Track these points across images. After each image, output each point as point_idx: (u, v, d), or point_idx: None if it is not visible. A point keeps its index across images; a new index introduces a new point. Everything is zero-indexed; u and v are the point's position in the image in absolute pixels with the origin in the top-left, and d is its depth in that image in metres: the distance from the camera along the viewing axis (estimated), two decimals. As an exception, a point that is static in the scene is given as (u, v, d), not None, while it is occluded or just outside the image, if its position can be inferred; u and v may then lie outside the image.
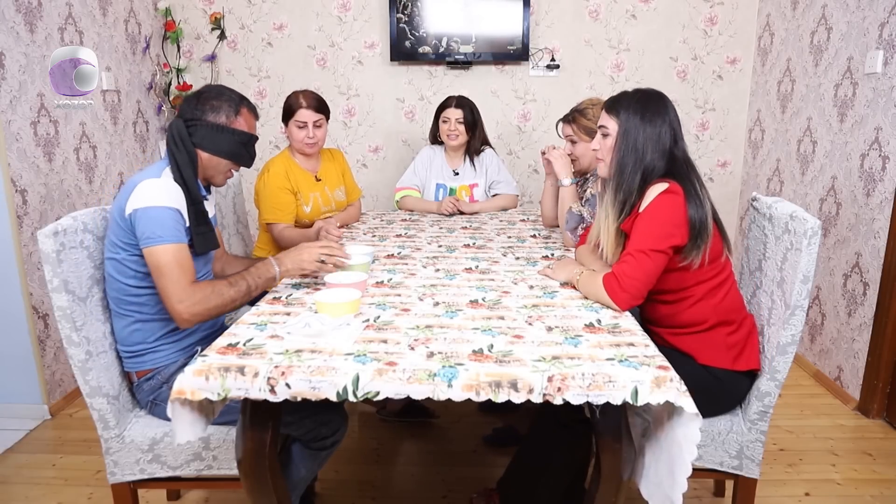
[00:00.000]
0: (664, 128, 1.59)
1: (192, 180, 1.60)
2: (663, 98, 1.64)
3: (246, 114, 1.69)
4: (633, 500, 1.50)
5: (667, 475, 1.27)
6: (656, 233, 1.51)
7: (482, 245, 2.16)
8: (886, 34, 2.46)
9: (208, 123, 1.63)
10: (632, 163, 1.60)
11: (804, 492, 2.09)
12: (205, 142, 1.63)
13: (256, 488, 1.37)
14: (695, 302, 1.60)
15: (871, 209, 2.53)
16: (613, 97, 1.68)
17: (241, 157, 1.69)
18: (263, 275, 1.59)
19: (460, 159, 2.89)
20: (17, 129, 2.42)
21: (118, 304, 1.59)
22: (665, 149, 1.59)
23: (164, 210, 1.50)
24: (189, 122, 1.63)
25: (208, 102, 1.64)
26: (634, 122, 1.60)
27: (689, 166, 1.61)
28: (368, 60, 3.61)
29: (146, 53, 3.36)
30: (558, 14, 3.54)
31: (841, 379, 2.74)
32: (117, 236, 1.53)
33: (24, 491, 2.10)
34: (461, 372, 1.16)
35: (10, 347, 2.48)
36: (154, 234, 1.48)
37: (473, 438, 2.39)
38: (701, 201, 1.55)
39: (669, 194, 1.53)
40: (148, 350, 1.60)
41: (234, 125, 1.66)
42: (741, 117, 3.66)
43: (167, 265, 1.47)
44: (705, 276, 1.59)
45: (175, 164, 1.59)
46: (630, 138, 1.60)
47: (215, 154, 1.65)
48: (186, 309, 1.46)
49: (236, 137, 1.66)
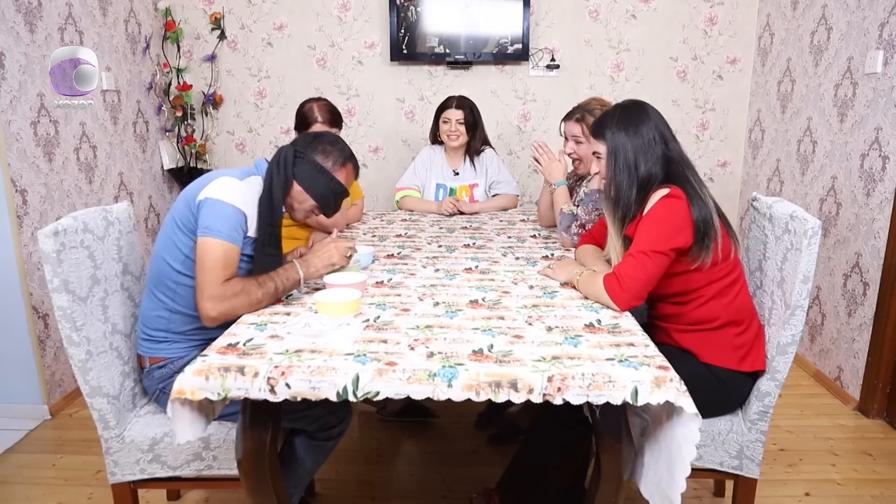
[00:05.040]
0: (651, 134, 1.59)
1: (279, 203, 1.62)
2: (643, 106, 1.64)
3: (350, 169, 1.72)
4: (633, 500, 1.50)
5: (666, 475, 1.27)
6: (658, 235, 1.52)
7: (482, 245, 2.16)
8: (886, 34, 2.46)
9: (314, 162, 1.66)
10: (626, 178, 1.60)
11: (804, 492, 2.09)
12: (304, 176, 1.65)
13: (256, 488, 1.37)
14: (705, 301, 1.59)
15: (871, 209, 2.53)
16: (597, 121, 1.69)
17: (327, 204, 1.71)
18: (291, 277, 1.59)
19: (460, 159, 2.89)
20: (17, 129, 2.42)
21: (156, 285, 1.61)
22: (658, 155, 1.59)
23: (232, 208, 1.52)
24: (299, 153, 1.66)
25: (322, 145, 1.68)
26: (620, 138, 1.60)
27: (686, 165, 1.62)
28: (368, 60, 3.61)
29: (146, 53, 3.36)
30: (558, 14, 3.54)
31: (841, 379, 2.74)
32: (181, 218, 1.56)
33: (24, 491, 2.10)
34: (461, 372, 1.16)
35: (10, 347, 2.48)
36: (213, 226, 1.49)
37: (473, 438, 2.39)
38: (703, 200, 1.55)
39: (671, 199, 1.54)
40: (167, 338, 1.62)
41: (335, 173, 1.68)
42: (741, 117, 3.66)
43: (213, 260, 1.47)
44: (716, 275, 1.58)
45: (269, 182, 1.62)
46: (620, 155, 1.60)
47: (307, 190, 1.66)
48: (214, 307, 1.46)
49: (332, 185, 1.68)
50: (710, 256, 1.54)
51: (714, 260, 1.55)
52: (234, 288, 1.47)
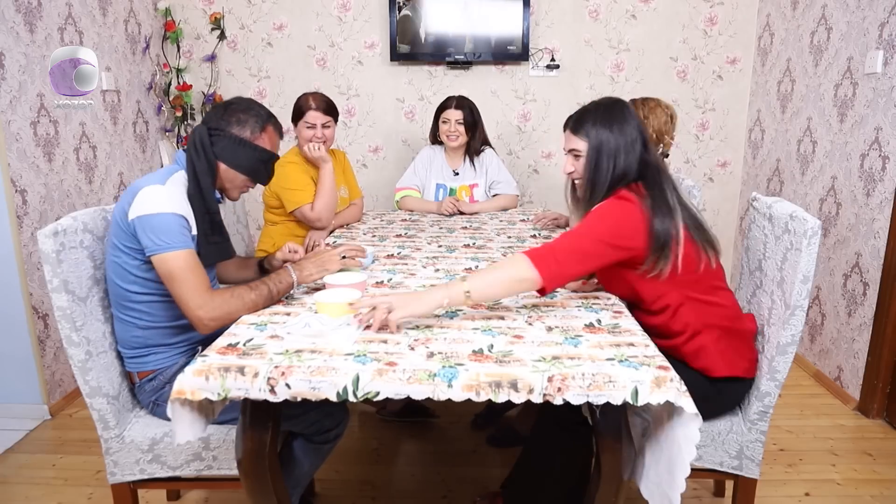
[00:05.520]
0: (634, 134, 1.55)
1: (210, 189, 1.58)
2: (625, 104, 1.59)
3: (271, 132, 1.66)
4: (634, 500, 1.50)
5: (666, 475, 1.27)
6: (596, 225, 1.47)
7: (482, 245, 2.16)
8: (886, 34, 2.46)
9: (232, 136, 1.60)
10: (606, 175, 1.54)
11: (804, 492, 2.09)
12: (225, 153, 1.60)
13: (256, 488, 1.37)
14: (676, 309, 1.55)
15: (871, 209, 2.53)
16: (575, 116, 1.61)
17: (259, 175, 1.67)
18: (285, 280, 1.58)
19: (460, 159, 2.89)
20: (17, 129, 2.42)
21: (119, 308, 1.58)
22: (637, 155, 1.55)
23: (169, 216, 1.47)
24: (213, 130, 1.60)
25: (235, 114, 1.61)
26: (605, 135, 1.54)
27: (661, 172, 1.56)
28: (368, 60, 3.61)
29: (146, 53, 3.36)
30: (558, 14, 3.54)
31: (841, 379, 2.74)
32: (119, 239, 1.51)
33: (24, 491, 2.10)
34: (461, 372, 1.16)
35: (10, 347, 2.48)
36: (161, 241, 1.45)
37: (473, 438, 2.39)
38: (669, 209, 1.49)
39: (620, 200, 1.49)
40: (149, 352, 1.60)
41: (258, 141, 1.63)
42: (741, 117, 3.66)
43: (179, 271, 1.44)
44: (683, 284, 1.53)
45: (193, 170, 1.56)
46: (603, 152, 1.54)
47: (234, 168, 1.61)
48: (207, 314, 1.43)
49: (257, 154, 1.63)
50: (667, 267, 1.47)
51: (673, 271, 1.48)
52: (223, 296, 1.47)
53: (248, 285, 1.52)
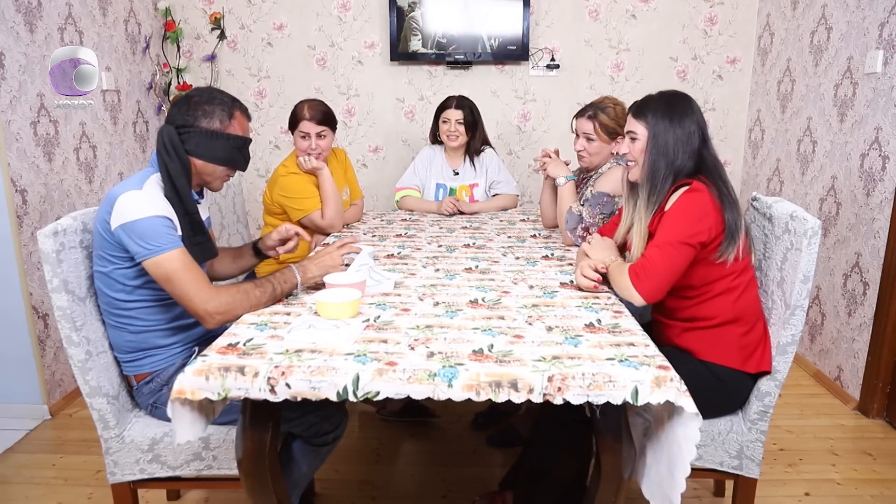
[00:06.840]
0: (693, 128, 1.60)
1: (186, 190, 1.55)
2: (689, 99, 1.64)
3: (240, 117, 1.64)
4: (634, 499, 1.50)
5: (667, 475, 1.27)
6: (684, 228, 1.52)
7: (482, 245, 2.16)
8: (886, 34, 2.46)
9: (202, 130, 1.56)
10: (664, 166, 1.60)
11: (804, 492, 2.09)
12: (199, 149, 1.57)
13: (256, 488, 1.37)
14: (713, 296, 1.59)
15: (871, 209, 2.53)
16: (639, 102, 1.68)
17: (237, 163, 1.65)
18: (289, 280, 1.58)
19: (460, 159, 2.89)
20: (17, 129, 2.42)
21: (110, 316, 1.57)
22: (694, 149, 1.60)
23: (153, 219, 1.45)
24: (181, 128, 1.56)
25: (200, 107, 1.57)
26: (663, 124, 1.60)
27: (719, 168, 1.62)
28: (368, 60, 3.61)
29: (146, 53, 3.36)
30: (558, 14, 3.54)
31: (841, 379, 2.74)
32: (104, 250, 1.49)
33: (24, 491, 2.10)
34: (461, 372, 1.16)
35: (10, 347, 2.48)
36: (150, 245, 1.43)
37: (473, 438, 2.39)
38: (733, 202, 1.56)
39: (693, 192, 1.54)
40: (144, 355, 1.60)
41: (229, 130, 1.60)
42: (741, 117, 3.66)
43: (176, 271, 1.44)
44: (729, 271, 1.58)
45: (167, 173, 1.52)
46: (660, 141, 1.60)
47: (212, 161, 1.59)
48: (215, 308, 1.43)
49: (232, 143, 1.61)
50: (732, 255, 1.55)
51: (735, 258, 1.56)
52: (229, 291, 1.47)
53: (253, 282, 1.51)
